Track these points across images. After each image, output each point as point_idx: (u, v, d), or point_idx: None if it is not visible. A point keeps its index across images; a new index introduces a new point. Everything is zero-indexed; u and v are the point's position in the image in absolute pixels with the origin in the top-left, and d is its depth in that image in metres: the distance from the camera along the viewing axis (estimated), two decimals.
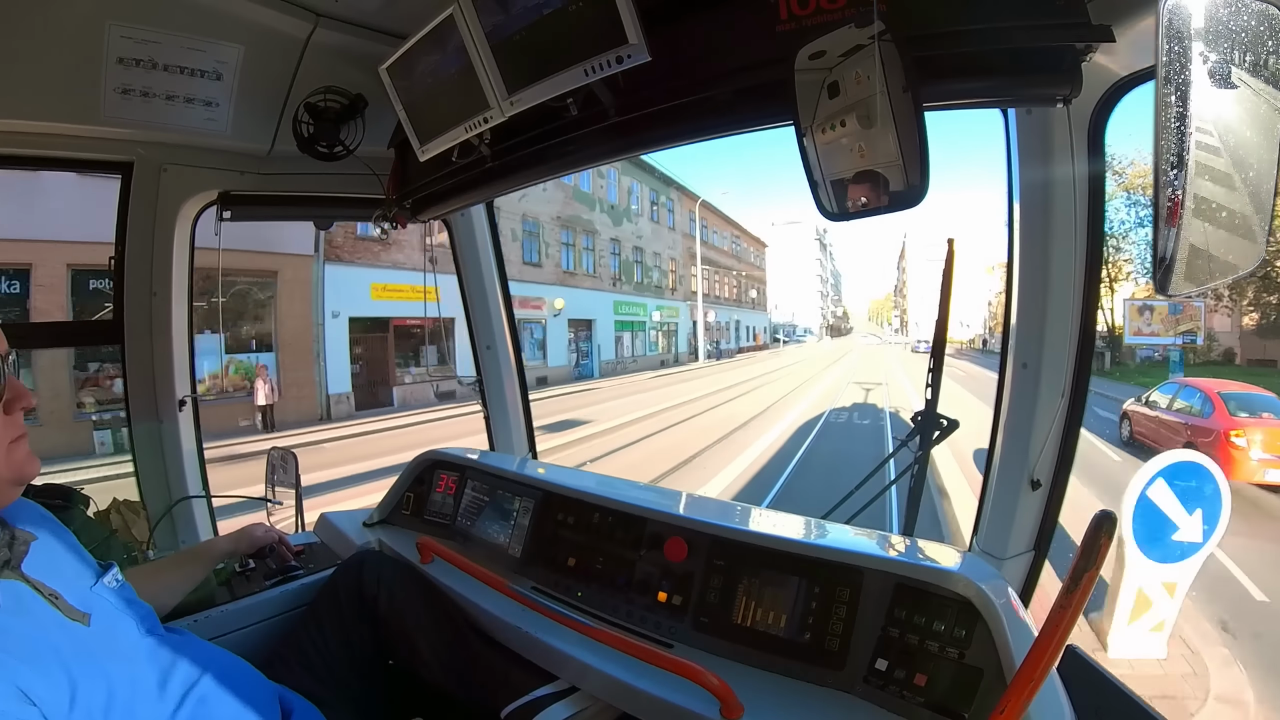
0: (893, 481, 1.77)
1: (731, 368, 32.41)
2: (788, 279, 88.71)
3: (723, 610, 1.24)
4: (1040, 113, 1.19)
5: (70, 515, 1.60)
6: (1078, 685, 1.00)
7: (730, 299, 49.60)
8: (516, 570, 1.55)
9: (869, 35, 0.91)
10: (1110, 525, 0.72)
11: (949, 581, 1.05)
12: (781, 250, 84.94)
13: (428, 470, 1.92)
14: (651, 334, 33.27)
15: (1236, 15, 0.52)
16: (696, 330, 37.73)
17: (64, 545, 0.94)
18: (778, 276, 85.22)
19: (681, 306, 36.51)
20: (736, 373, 27.89)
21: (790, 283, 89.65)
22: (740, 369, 30.83)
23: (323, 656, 1.34)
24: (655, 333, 33.79)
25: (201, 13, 1.47)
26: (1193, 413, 8.59)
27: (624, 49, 1.11)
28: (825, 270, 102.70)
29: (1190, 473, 3.89)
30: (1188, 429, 8.37)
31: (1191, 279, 0.55)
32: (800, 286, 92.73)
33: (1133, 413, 10.29)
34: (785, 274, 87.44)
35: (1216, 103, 0.52)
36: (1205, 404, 8.38)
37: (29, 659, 0.75)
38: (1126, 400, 10.84)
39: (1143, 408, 10.05)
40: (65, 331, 2.52)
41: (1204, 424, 8.11)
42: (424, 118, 1.55)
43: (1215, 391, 8.43)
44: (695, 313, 37.16)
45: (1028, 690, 0.78)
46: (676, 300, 36.16)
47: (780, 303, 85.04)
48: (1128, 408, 10.53)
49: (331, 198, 2.14)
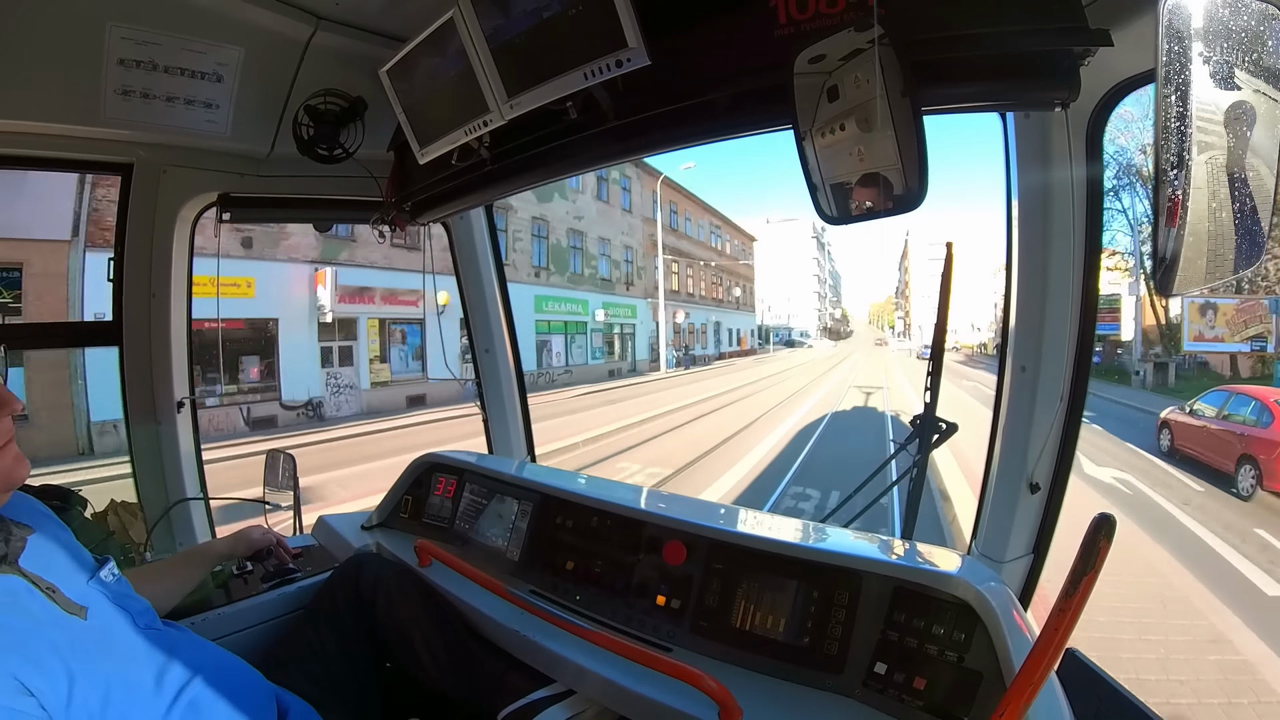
0: (892, 484, 1.77)
1: (702, 378, 25.89)
2: (783, 279, 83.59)
3: (721, 614, 1.24)
4: (1039, 116, 1.20)
5: (68, 516, 1.60)
6: (1077, 688, 1.00)
7: (709, 298, 41.76)
8: (515, 573, 1.55)
9: (868, 39, 0.91)
10: (1109, 528, 0.71)
11: (948, 585, 1.05)
12: (776, 249, 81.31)
13: (426, 473, 1.92)
14: (596, 338, 26.41)
15: (1236, 15, 0.52)
16: (661, 333, 30.57)
17: (61, 539, 0.94)
18: (771, 276, 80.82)
19: (641, 305, 29.52)
20: (704, 385, 22.11)
21: (786, 283, 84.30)
22: (712, 379, 24.90)
23: (320, 659, 1.34)
24: (603, 336, 27.03)
25: (202, 15, 1.48)
26: (1247, 422, 7.91)
27: (623, 53, 1.12)
28: (823, 271, 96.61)
29: None
30: (1242, 440, 7.83)
31: (1191, 279, 0.55)
32: (797, 287, 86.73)
33: (1175, 423, 9.59)
34: (780, 274, 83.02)
35: (1216, 103, 0.53)
36: (1263, 414, 7.79)
37: (26, 653, 0.75)
38: (1164, 409, 10.19)
39: (1186, 417, 9.34)
40: (64, 332, 2.51)
41: (1262, 435, 7.56)
42: (424, 121, 1.55)
43: (1275, 400, 7.89)
44: (660, 312, 29.61)
45: (1027, 694, 0.77)
46: (633, 297, 29.11)
47: (773, 304, 79.75)
48: (1168, 417, 9.87)
49: (331, 200, 2.14)
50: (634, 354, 29.25)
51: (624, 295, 28.53)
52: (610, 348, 27.62)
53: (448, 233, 2.26)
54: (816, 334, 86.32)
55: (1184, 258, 0.54)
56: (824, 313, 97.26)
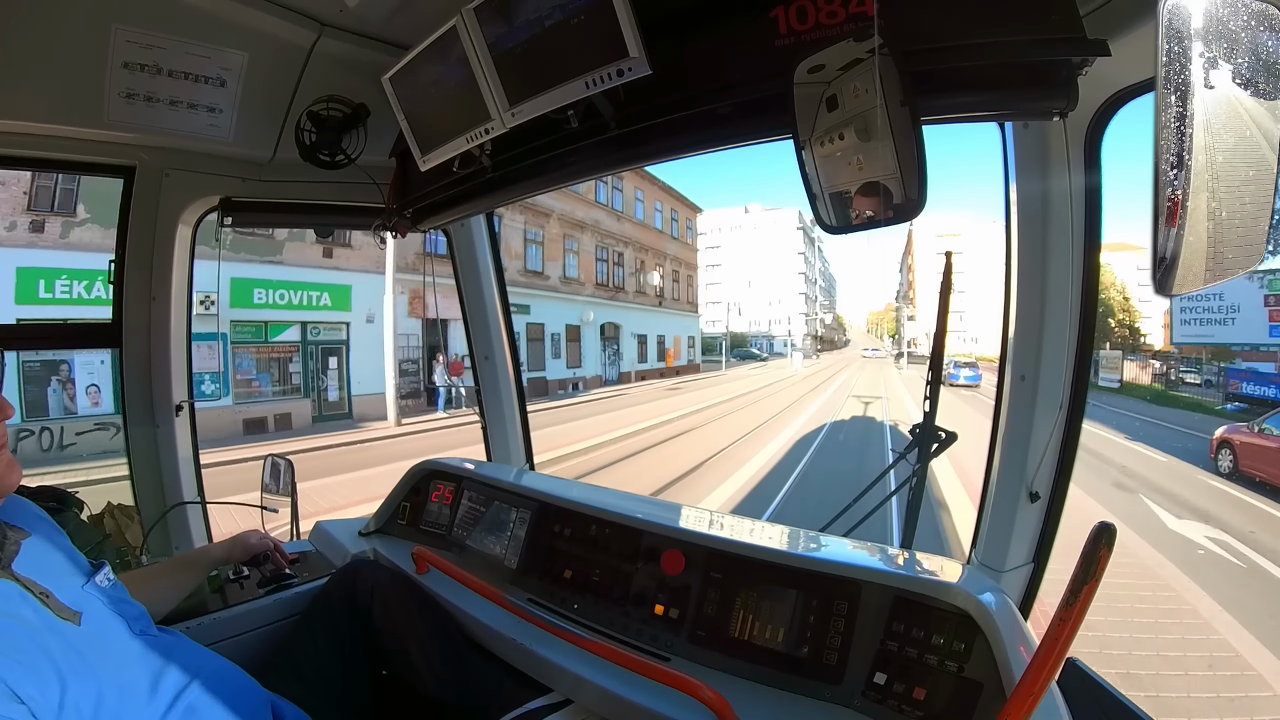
0: (891, 494, 1.76)
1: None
2: (766, 278, 72.00)
3: (720, 623, 1.23)
4: (1037, 126, 1.20)
5: (64, 519, 1.59)
6: (1078, 698, 0.99)
7: (607, 289, 26.09)
8: (512, 581, 1.54)
9: (867, 49, 0.92)
10: (1109, 537, 0.71)
11: (948, 595, 1.05)
12: (758, 243, 71.66)
13: (424, 480, 1.91)
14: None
15: (1236, 15, 0.52)
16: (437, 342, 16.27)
17: (56, 544, 0.93)
18: (752, 274, 70.91)
19: (365, 285, 14.72)
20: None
21: (769, 283, 72.12)
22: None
23: (315, 665, 1.33)
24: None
25: (207, 20, 1.49)
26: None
27: (625, 62, 1.13)
28: (812, 269, 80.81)
29: None
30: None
31: (1191, 279, 0.55)
32: (782, 288, 72.98)
33: (1240, 443, 9.10)
34: (763, 272, 71.95)
35: (1216, 103, 0.53)
36: None
37: (18, 658, 0.75)
38: (1218, 429, 9.73)
39: (1254, 437, 8.94)
40: (64, 333, 2.51)
41: None
42: (425, 128, 1.56)
43: None
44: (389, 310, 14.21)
45: (1027, 704, 0.77)
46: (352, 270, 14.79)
47: (746, 306, 69.43)
48: (1229, 436, 9.38)
49: (332, 206, 2.15)
50: (344, 388, 14.71)
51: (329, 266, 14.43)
52: (284, 378, 13.71)
53: (448, 239, 2.27)
54: (804, 343, 68.57)
55: (1184, 258, 0.54)
56: (814, 318, 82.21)
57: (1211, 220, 0.54)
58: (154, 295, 2.01)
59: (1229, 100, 0.53)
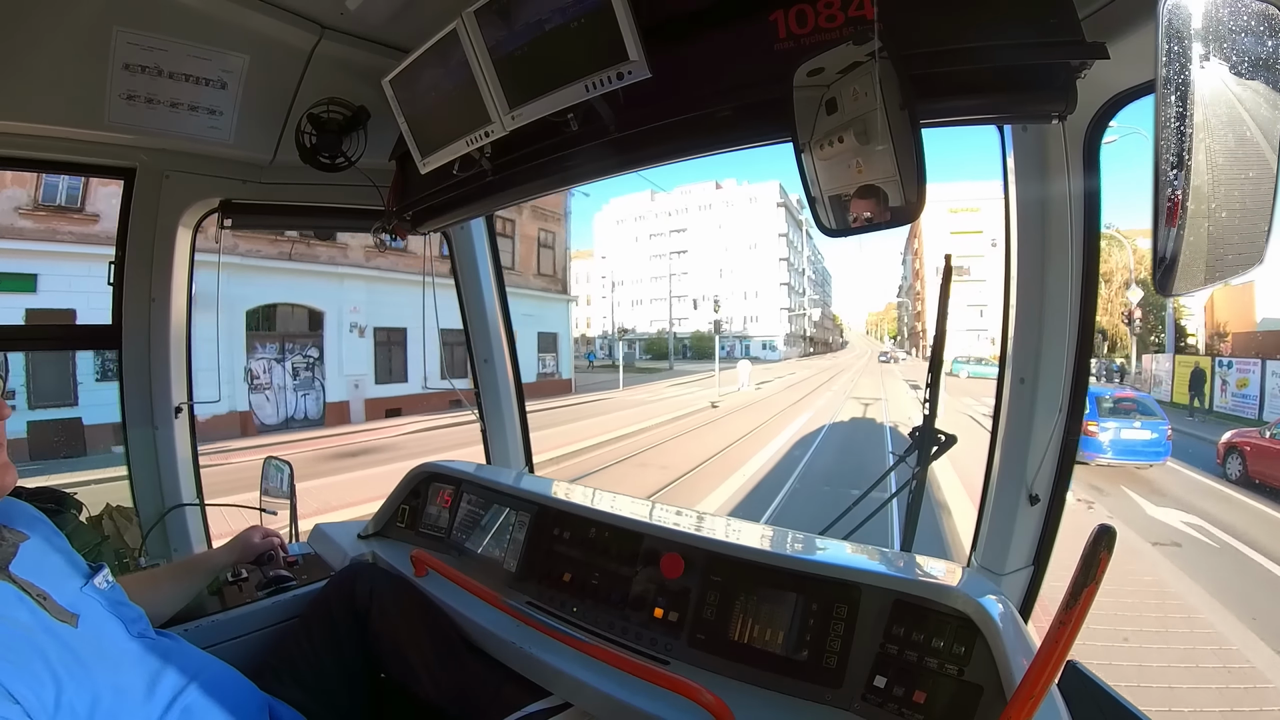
0: (891, 497, 1.76)
1: None
2: (741, 267, 61.80)
3: (719, 627, 1.23)
4: (1036, 129, 1.21)
5: (62, 520, 1.59)
6: (1079, 701, 0.99)
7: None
8: (511, 585, 1.54)
9: (867, 53, 0.92)
10: (1110, 539, 0.71)
11: (948, 598, 1.05)
12: (731, 227, 60.46)
13: (423, 483, 1.91)
14: None
15: (1236, 15, 0.53)
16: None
17: (54, 546, 0.93)
18: (725, 262, 60.24)
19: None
20: None
21: (745, 273, 61.69)
22: None
23: (313, 668, 1.33)
24: None
25: (208, 22, 1.49)
26: None
27: (625, 66, 1.13)
28: (799, 256, 67.67)
29: None
30: None
31: (1191, 279, 0.55)
32: (761, 279, 61.64)
33: (1250, 447, 8.93)
34: (738, 260, 61.75)
35: (1216, 102, 0.53)
36: None
37: (14, 660, 0.74)
38: (1225, 433, 9.50)
39: (1266, 441, 8.75)
40: (64, 334, 2.51)
41: None
42: (426, 130, 1.56)
43: None
44: None
45: (1028, 707, 0.77)
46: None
47: (721, 298, 47.95)
48: (1236, 440, 9.22)
49: (332, 208, 2.15)
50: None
51: None
52: None
53: (448, 242, 2.27)
54: (784, 344, 59.34)
55: (1184, 258, 0.54)
56: (802, 313, 70.08)
57: (1211, 220, 0.54)
58: (154, 297, 2.01)
59: (1229, 101, 0.53)
